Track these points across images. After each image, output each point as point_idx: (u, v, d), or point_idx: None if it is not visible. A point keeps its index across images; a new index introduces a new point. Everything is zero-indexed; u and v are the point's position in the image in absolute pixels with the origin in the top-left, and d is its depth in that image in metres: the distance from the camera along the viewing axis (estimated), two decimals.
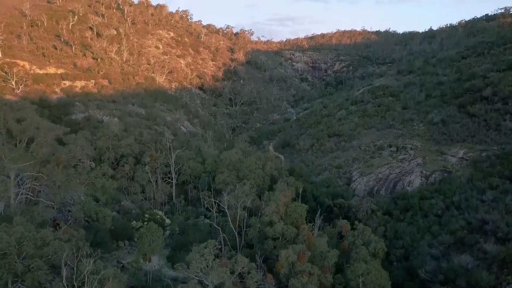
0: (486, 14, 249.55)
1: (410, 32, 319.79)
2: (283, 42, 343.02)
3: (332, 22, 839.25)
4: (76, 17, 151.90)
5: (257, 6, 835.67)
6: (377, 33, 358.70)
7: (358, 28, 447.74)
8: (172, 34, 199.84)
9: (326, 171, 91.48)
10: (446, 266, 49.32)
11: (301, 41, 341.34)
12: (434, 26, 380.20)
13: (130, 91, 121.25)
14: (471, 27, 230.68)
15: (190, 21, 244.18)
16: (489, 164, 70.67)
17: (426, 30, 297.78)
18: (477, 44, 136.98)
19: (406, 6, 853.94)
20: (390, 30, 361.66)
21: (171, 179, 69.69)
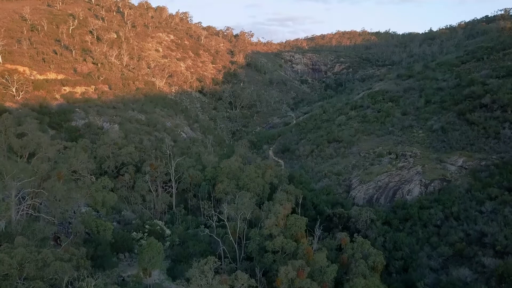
0: (486, 16, 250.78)
1: (410, 33, 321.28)
2: (283, 43, 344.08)
3: (332, 23, 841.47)
4: (76, 21, 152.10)
5: (257, 6, 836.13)
6: (377, 34, 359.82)
7: (358, 29, 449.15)
8: (172, 36, 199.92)
9: (325, 178, 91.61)
10: (445, 280, 49.58)
11: (301, 42, 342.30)
12: (434, 27, 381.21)
13: (130, 97, 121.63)
14: (471, 29, 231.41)
15: (190, 23, 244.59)
16: (488, 174, 70.78)
17: (426, 31, 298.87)
18: (476, 48, 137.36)
19: (406, 6, 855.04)
20: (390, 31, 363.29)
21: (171, 188, 70.02)
